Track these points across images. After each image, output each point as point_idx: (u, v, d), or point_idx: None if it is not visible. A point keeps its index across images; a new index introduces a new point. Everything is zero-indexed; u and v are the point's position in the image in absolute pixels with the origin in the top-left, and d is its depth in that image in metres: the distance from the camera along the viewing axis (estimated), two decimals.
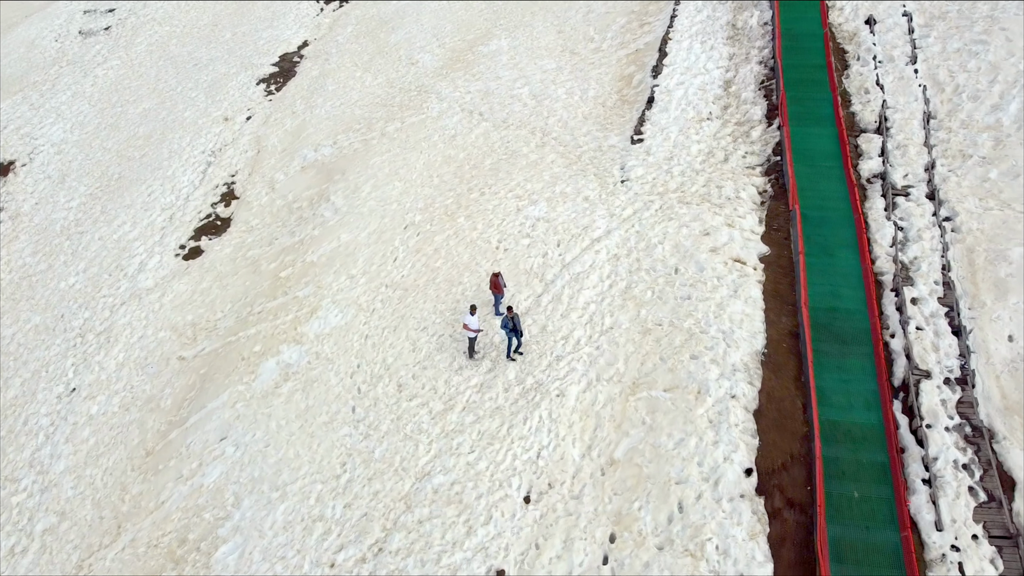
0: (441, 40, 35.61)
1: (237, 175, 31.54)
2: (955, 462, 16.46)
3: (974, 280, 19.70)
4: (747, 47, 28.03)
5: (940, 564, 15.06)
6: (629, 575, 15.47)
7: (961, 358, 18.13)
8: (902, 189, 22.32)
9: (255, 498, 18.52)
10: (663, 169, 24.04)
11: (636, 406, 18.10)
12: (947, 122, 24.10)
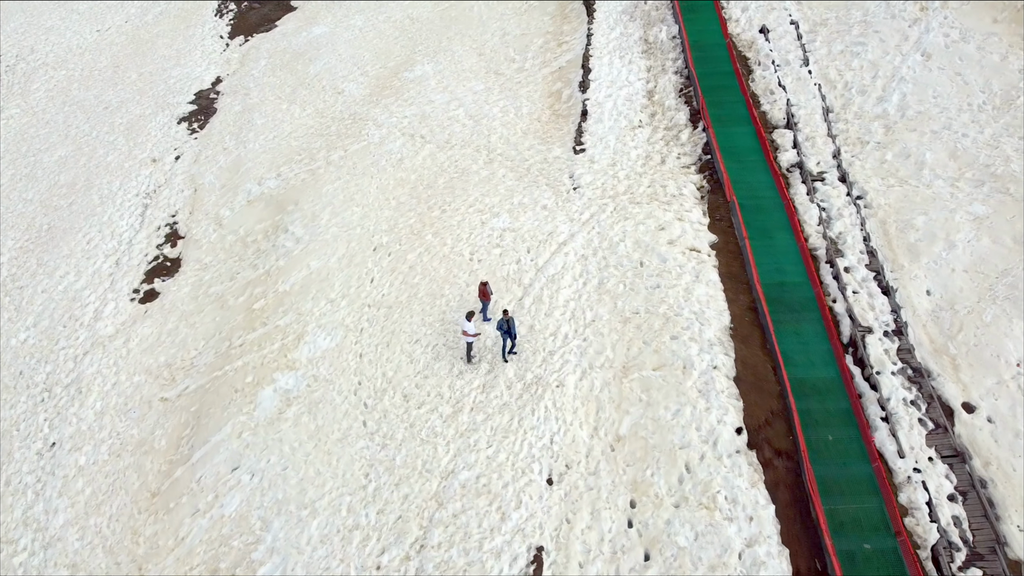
0: (363, 69, 36.72)
1: (178, 215, 31.44)
2: (904, 400, 19.45)
3: (891, 247, 23.03)
4: (662, 59, 30.95)
5: (908, 485, 17.88)
6: (654, 534, 17.43)
7: (893, 313, 21.29)
8: (818, 175, 25.59)
9: (284, 519, 19.19)
10: (609, 174, 26.37)
11: (631, 387, 20.14)
12: (843, 114, 27.71)
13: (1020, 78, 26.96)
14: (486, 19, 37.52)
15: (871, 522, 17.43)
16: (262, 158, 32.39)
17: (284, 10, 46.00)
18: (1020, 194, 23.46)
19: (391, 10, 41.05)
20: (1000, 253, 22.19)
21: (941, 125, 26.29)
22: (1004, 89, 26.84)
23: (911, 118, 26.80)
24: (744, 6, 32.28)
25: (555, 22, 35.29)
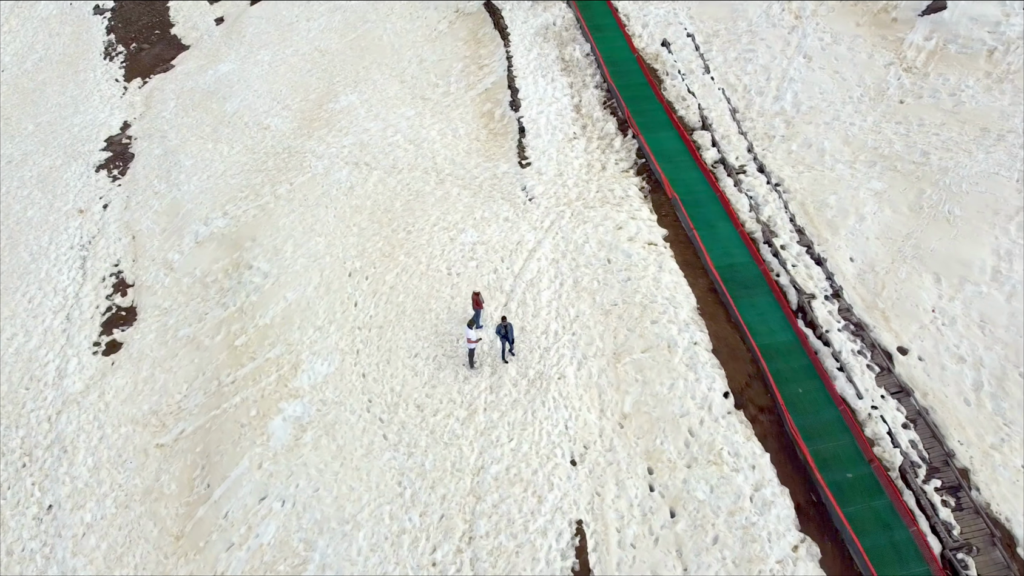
0: (284, 103, 37.25)
1: (120, 263, 30.94)
2: (852, 351, 22.89)
3: (813, 224, 26.68)
4: (581, 76, 33.69)
5: (869, 420, 21.19)
6: (675, 493, 19.78)
7: (828, 280, 24.83)
8: (739, 168, 29.05)
9: (328, 536, 20.05)
10: (559, 184, 28.70)
11: (625, 370, 22.47)
12: (748, 113, 31.44)
13: (887, 72, 31.66)
14: (399, 47, 39.02)
15: (847, 455, 20.58)
16: (202, 198, 32.38)
17: (176, 49, 45.42)
18: (907, 169, 27.79)
19: (297, 44, 41.68)
20: (901, 220, 26.31)
21: (831, 117, 30.49)
22: (875, 82, 31.45)
23: (805, 113, 30.87)
24: (644, 23, 35.68)
25: (470, 47, 37.34)
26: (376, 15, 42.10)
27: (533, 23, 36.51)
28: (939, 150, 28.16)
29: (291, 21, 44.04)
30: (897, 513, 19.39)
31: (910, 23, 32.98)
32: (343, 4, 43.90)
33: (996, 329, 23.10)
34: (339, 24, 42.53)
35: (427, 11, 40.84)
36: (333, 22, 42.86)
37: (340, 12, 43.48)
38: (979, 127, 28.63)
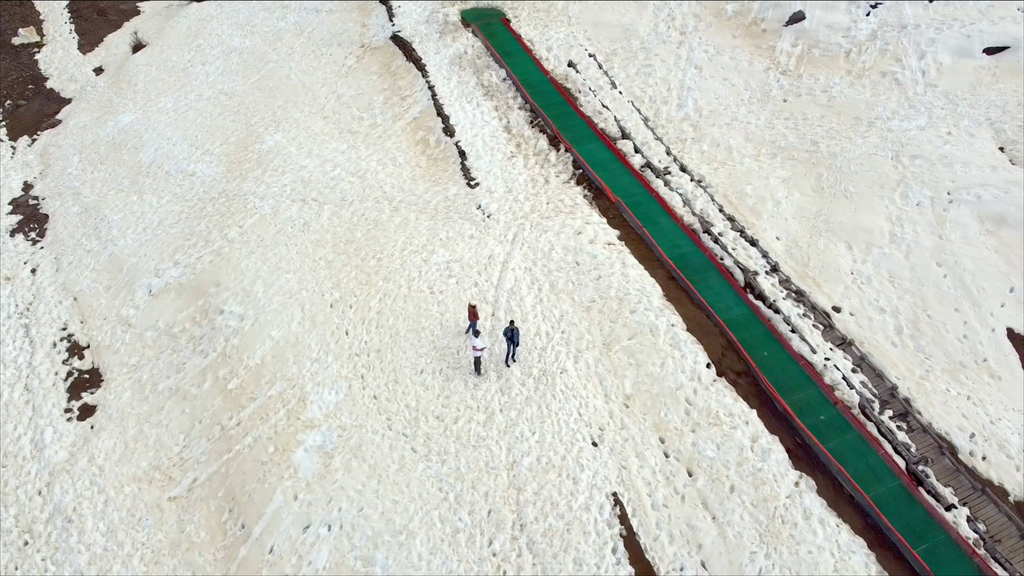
0: (204, 148, 37.00)
1: (68, 327, 29.89)
2: (798, 314, 26.70)
3: (739, 212, 30.53)
4: (503, 99, 36.11)
5: (826, 370, 24.95)
6: (688, 455, 22.49)
7: (764, 258, 28.65)
8: (664, 170, 32.53)
9: (385, 549, 21.07)
10: (511, 199, 30.92)
11: (618, 356, 25.02)
12: (658, 121, 35.13)
13: (767, 76, 36.45)
14: (310, 85, 39.78)
15: (816, 402, 24.17)
16: (145, 251, 31.80)
17: (57, 103, 43.63)
18: (802, 157, 32.35)
19: (199, 89, 41.34)
20: (809, 200, 30.69)
21: (730, 118, 34.75)
22: (759, 85, 36.12)
23: (707, 116, 34.96)
24: (548, 46, 38.70)
25: (385, 80, 38.79)
26: (276, 55, 42.57)
27: (446, 53, 38.58)
28: (825, 139, 33.00)
29: (184, 66, 43.52)
30: (866, 442, 23.11)
31: (777, 32, 38.10)
32: (237, 46, 43.95)
33: (903, 282, 27.73)
34: (238, 66, 42.59)
35: (330, 48, 41.88)
36: (231, 65, 42.85)
37: (236, 55, 43.51)
38: (852, 116, 33.80)
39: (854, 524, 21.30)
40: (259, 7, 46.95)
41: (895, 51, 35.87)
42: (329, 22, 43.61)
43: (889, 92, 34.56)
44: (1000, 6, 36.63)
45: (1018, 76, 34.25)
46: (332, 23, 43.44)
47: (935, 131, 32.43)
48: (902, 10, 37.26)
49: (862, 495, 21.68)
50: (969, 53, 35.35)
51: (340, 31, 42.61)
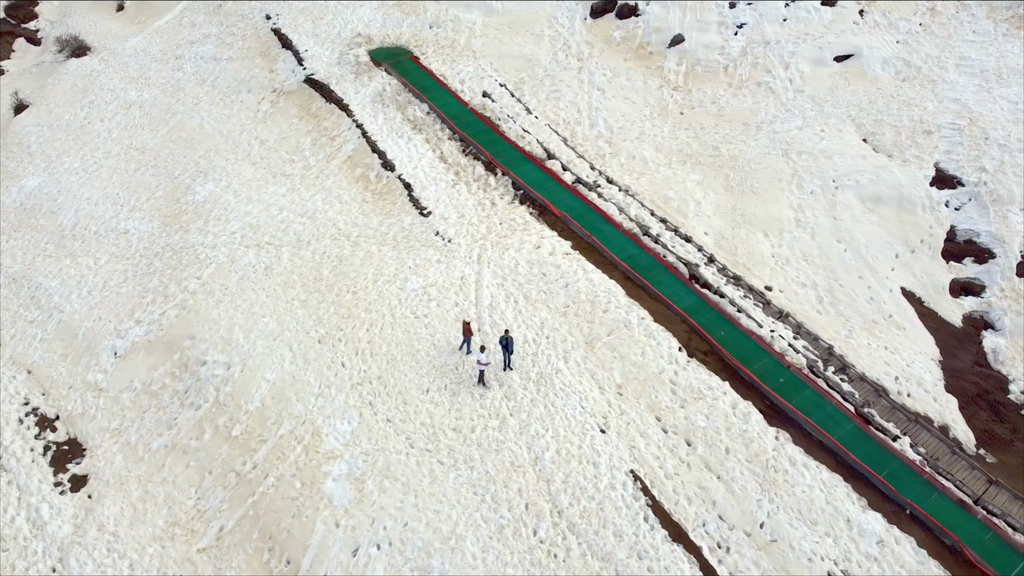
0: (130, 205, 36.21)
1: (29, 401, 28.72)
2: (740, 296, 30.62)
3: (667, 214, 34.28)
4: (431, 131, 38.05)
5: (773, 339, 28.91)
6: (683, 427, 25.53)
7: (700, 251, 32.49)
8: (594, 184, 35.80)
9: (439, 556, 22.46)
10: (465, 224, 32.98)
11: (603, 352, 27.75)
12: (576, 140, 38.46)
13: (661, 92, 40.81)
14: (228, 133, 39.87)
15: (773, 368, 28.03)
16: (98, 314, 31.01)
17: None
18: (708, 162, 36.74)
19: (106, 146, 40.22)
20: (723, 199, 35.01)
21: (638, 133, 38.69)
22: (656, 101, 40.40)
23: (618, 133, 38.72)
24: (461, 79, 41.11)
25: (308, 122, 39.60)
26: (182, 106, 42.20)
27: (365, 92, 40.02)
28: (724, 144, 37.62)
29: (80, 124, 42.11)
30: (820, 395, 27.17)
31: (663, 54, 42.69)
32: (135, 99, 43.09)
33: (814, 259, 32.47)
34: (142, 120, 41.82)
35: (240, 95, 42.09)
36: (133, 119, 41.98)
37: (136, 108, 42.66)
38: (741, 123, 38.72)
39: (828, 464, 25.13)
40: (149, 59, 46.09)
41: (764, 64, 41.39)
42: (232, 70, 43.70)
43: (766, 99, 39.87)
44: (841, 21, 43.18)
45: (864, 78, 40.62)
46: (236, 71, 43.58)
47: (811, 130, 37.90)
48: (763, 28, 42.99)
49: (828, 439, 25.61)
50: (823, 62, 41.46)
51: (247, 78, 42.89)
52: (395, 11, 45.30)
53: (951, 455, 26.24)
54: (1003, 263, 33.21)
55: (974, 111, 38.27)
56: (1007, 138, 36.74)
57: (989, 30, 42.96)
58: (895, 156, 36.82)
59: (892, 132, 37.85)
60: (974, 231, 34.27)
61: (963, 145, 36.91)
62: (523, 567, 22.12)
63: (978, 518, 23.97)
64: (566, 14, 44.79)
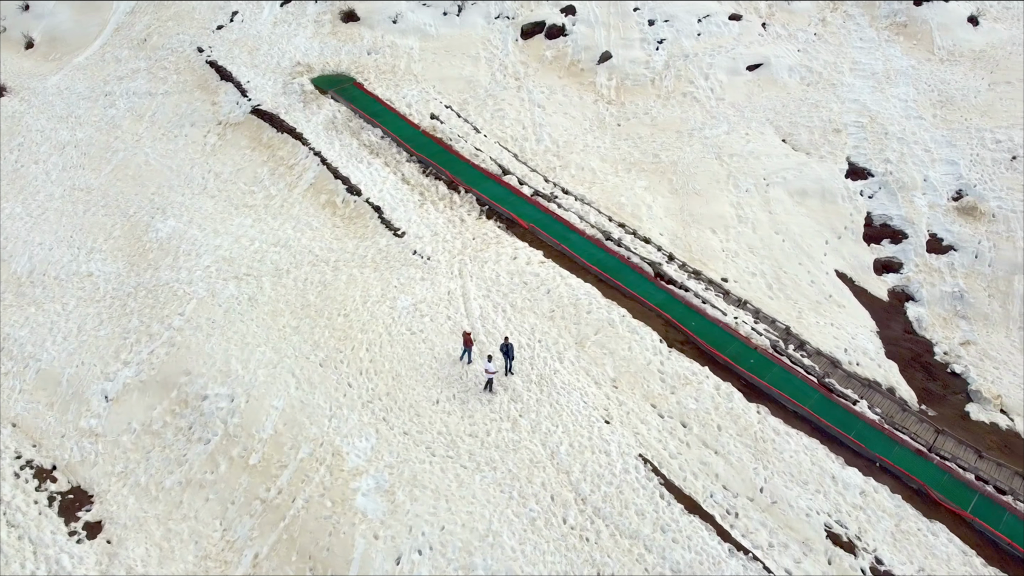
0: (89, 247, 35.40)
1: (21, 454, 27.99)
2: (702, 289, 33.54)
3: (624, 218, 36.90)
4: (389, 155, 39.16)
5: (738, 325, 31.96)
6: (677, 411, 28.00)
7: (659, 251, 35.23)
8: (552, 195, 37.99)
9: (480, 553, 23.84)
10: (440, 241, 34.40)
11: (592, 350, 29.89)
12: (527, 156, 40.58)
13: (597, 106, 43.56)
14: (178, 168, 39.55)
15: (742, 350, 30.97)
16: (80, 359, 30.46)
17: None
18: (651, 168, 39.72)
19: (48, 189, 39.03)
20: (671, 201, 38.00)
21: (583, 145, 41.24)
22: (594, 115, 43.15)
23: (564, 146, 41.14)
24: (408, 103, 42.43)
25: (262, 152, 39.79)
26: (122, 143, 41.47)
27: (317, 120, 40.66)
28: (662, 151, 40.73)
29: (13, 167, 40.62)
30: (787, 371, 30.33)
31: (593, 70, 45.52)
32: (68, 139, 41.98)
33: (759, 251, 35.85)
34: (80, 160, 40.82)
35: (183, 129, 41.77)
36: (70, 159, 40.90)
37: (72, 148, 41.57)
38: (674, 131, 41.98)
39: (805, 430, 28.21)
40: (76, 97, 44.80)
41: (686, 75, 44.94)
42: (171, 104, 43.23)
43: (693, 108, 43.37)
44: (747, 33, 47.39)
45: (775, 85, 44.85)
46: (175, 105, 43.14)
47: (737, 134, 41.60)
48: (682, 43, 46.62)
49: (801, 408, 28.74)
50: (738, 71, 45.45)
51: (188, 112, 42.57)
52: (331, 39, 46.09)
53: (902, 412, 29.93)
54: (915, 242, 37.73)
55: (872, 110, 43.08)
56: (903, 132, 41.65)
57: (873, 37, 48.29)
58: (812, 153, 41.00)
59: (806, 132, 42.08)
60: (887, 215, 38.72)
61: (868, 140, 41.54)
62: (560, 553, 23.87)
63: (934, 463, 27.63)
64: (498, 36, 46.98)
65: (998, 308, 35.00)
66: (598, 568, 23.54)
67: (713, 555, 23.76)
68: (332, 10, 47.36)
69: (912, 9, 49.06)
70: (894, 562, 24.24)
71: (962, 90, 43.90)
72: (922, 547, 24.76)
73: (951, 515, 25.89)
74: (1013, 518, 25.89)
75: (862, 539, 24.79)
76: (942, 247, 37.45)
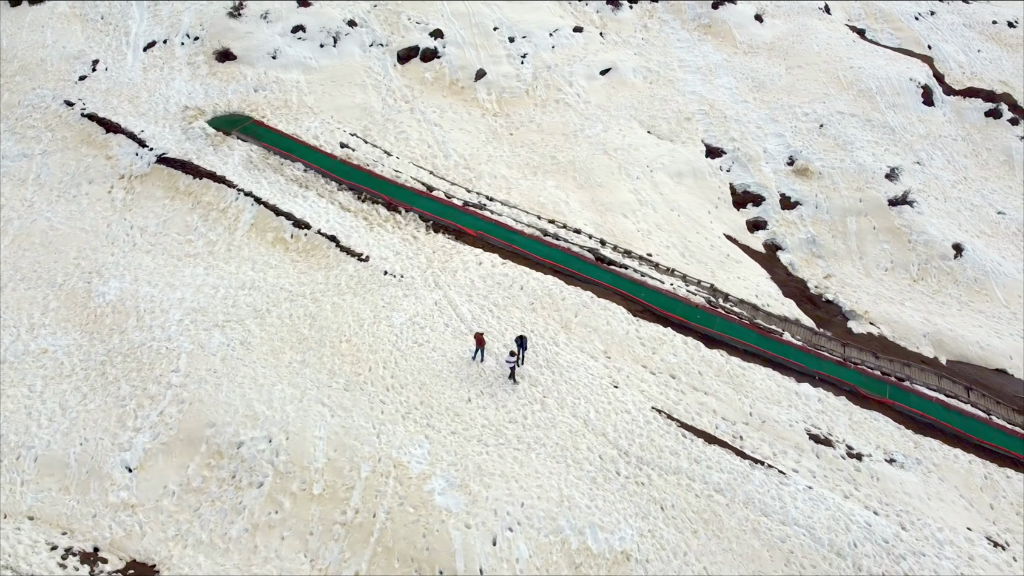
0: (28, 324, 32.58)
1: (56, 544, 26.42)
2: (636, 266, 38.93)
3: (551, 215, 41.21)
4: (318, 186, 39.89)
5: (676, 290, 37.79)
6: (664, 367, 33.04)
7: (590, 238, 40.05)
8: (481, 204, 41.33)
9: (562, 516, 27.08)
10: (404, 258, 36.46)
11: (578, 330, 34.05)
12: (442, 172, 43.42)
13: (485, 120, 47.39)
14: (92, 228, 37.34)
15: (688, 311, 36.77)
16: (80, 436, 28.91)
17: None
18: (554, 169, 44.42)
19: None
20: (582, 194, 42.98)
21: (487, 156, 44.96)
22: (487, 127, 46.94)
23: (471, 159, 44.55)
24: (315, 135, 43.23)
25: (184, 200, 38.58)
26: (14, 212, 38.14)
27: (233, 162, 40.22)
28: (557, 153, 45.64)
29: None
30: (727, 320, 36.59)
31: (473, 87, 49.27)
32: None
33: (664, 227, 42.02)
34: None
35: (80, 188, 39.32)
36: None
37: None
38: (560, 134, 47.06)
39: (758, 363, 34.56)
40: None
41: (554, 84, 50.24)
42: (56, 164, 40.17)
43: (568, 112, 48.76)
44: (591, 43, 53.70)
45: (626, 85, 51.58)
46: (61, 164, 40.16)
47: (613, 131, 47.63)
48: (542, 55, 51.80)
49: (748, 346, 35.15)
50: (594, 76, 51.58)
51: (80, 169, 39.91)
52: (213, 80, 45.28)
53: (813, 336, 37.47)
54: (771, 202, 46.08)
55: (708, 98, 51.26)
56: (737, 114, 50.19)
57: (688, 37, 56.89)
58: (675, 140, 48.16)
59: (664, 123, 49.19)
60: (745, 184, 46.79)
61: (713, 124, 49.54)
62: (625, 500, 27.88)
63: (851, 368, 35.28)
64: (377, 63, 48.98)
65: (841, 245, 44.16)
66: (660, 504, 27.91)
67: (740, 471, 29.08)
68: (204, 51, 46.46)
69: (711, 12, 58.41)
70: (858, 445, 31.17)
71: (768, 76, 53.58)
72: (872, 431, 32.01)
73: (878, 404, 33.50)
74: (917, 397, 34.08)
75: (832, 434, 31.51)
76: (791, 203, 46.17)
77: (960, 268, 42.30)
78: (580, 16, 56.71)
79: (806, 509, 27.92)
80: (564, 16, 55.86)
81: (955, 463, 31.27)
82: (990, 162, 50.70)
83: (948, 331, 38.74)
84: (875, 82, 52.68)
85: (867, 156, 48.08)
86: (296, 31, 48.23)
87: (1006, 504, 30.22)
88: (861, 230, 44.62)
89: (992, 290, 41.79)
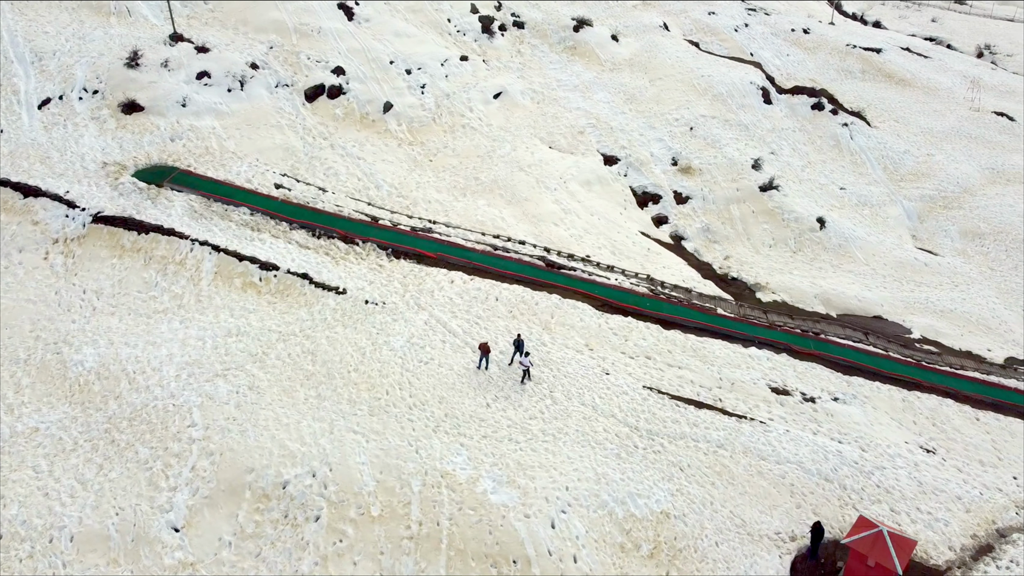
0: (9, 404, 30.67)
1: None
2: (582, 267, 42.91)
3: (494, 231, 44.14)
4: (271, 228, 39.92)
5: (617, 283, 42.22)
6: (641, 352, 37.15)
7: (535, 247, 43.46)
8: (427, 229, 43.35)
9: (604, 492, 30.17)
10: (378, 287, 37.78)
11: (559, 328, 37.41)
12: (379, 202, 44.94)
13: (405, 150, 49.38)
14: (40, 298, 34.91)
15: (637, 300, 41.28)
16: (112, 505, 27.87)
17: None
18: (480, 189, 47.41)
19: None
20: (513, 209, 46.32)
21: (415, 183, 46.98)
22: (406, 156, 48.96)
23: (400, 187, 46.39)
24: (247, 178, 42.89)
25: (134, 258, 36.87)
26: None
27: (177, 213, 39.13)
28: (479, 173, 48.68)
29: None
30: (671, 304, 41.50)
31: (383, 120, 51.03)
32: None
33: (590, 230, 46.44)
34: None
35: (11, 258, 36.65)
36: None
37: None
38: (476, 156, 50.16)
39: (708, 336, 39.66)
40: None
41: (456, 110, 53.23)
42: None
43: (475, 136, 51.95)
44: (478, 70, 57.21)
45: (518, 107, 55.71)
46: None
47: (521, 150, 51.47)
48: (439, 84, 54.52)
49: (696, 323, 40.25)
50: (489, 101, 55.19)
51: (5, 238, 36.90)
52: (124, 132, 43.40)
53: (739, 308, 43.37)
54: (667, 200, 52.15)
55: (592, 112, 56.60)
56: (620, 125, 55.93)
57: (558, 59, 62.11)
58: (576, 153, 52.90)
59: (561, 138, 53.80)
60: (643, 185, 52.43)
61: (603, 135, 54.88)
62: (649, 468, 31.57)
63: (779, 330, 41.44)
64: (287, 103, 49.21)
65: (731, 230, 50.96)
66: (679, 466, 31.88)
67: (732, 427, 33.79)
68: (107, 104, 44.38)
69: (574, 35, 64.09)
70: (808, 391, 37.04)
71: (636, 88, 59.97)
72: (814, 378, 38.07)
73: (810, 356, 39.74)
74: (834, 346, 40.78)
75: (787, 385, 37.15)
76: (683, 198, 52.44)
77: (827, 237, 50.36)
78: (462, 46, 60.15)
79: (791, 448, 33.09)
80: (448, 47, 59.02)
81: (879, 393, 37.98)
82: (823, 147, 60.16)
83: (832, 290, 46.21)
84: (724, 87, 60.67)
85: (734, 151, 55.52)
86: (201, 77, 47.46)
87: (923, 419, 37.22)
88: (743, 215, 51.64)
89: (853, 253, 50.14)
